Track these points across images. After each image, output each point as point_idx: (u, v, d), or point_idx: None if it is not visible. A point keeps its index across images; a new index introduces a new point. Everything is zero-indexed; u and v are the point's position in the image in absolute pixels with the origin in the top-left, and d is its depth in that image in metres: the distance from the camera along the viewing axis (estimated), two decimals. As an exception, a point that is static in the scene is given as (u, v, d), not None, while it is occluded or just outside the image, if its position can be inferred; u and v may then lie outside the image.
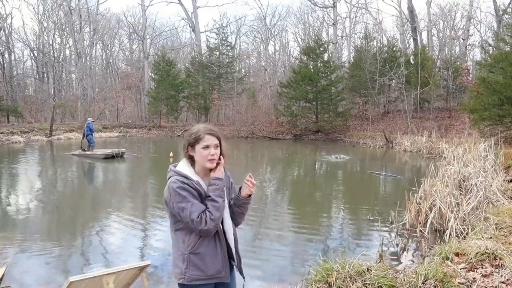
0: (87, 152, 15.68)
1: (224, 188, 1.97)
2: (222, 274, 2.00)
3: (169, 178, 1.98)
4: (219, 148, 2.01)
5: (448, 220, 5.32)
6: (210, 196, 1.93)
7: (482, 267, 3.49)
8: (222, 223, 2.02)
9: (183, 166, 2.01)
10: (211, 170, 2.03)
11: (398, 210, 6.30)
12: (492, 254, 3.65)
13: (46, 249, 5.18)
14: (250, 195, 2.06)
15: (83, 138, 16.49)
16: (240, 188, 2.09)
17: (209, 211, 1.89)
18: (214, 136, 1.99)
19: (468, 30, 32.64)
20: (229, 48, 35.32)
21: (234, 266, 2.14)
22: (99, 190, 10.07)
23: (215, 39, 34.88)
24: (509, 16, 24.10)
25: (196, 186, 1.93)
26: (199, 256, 1.93)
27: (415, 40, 29.48)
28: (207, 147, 1.96)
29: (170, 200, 1.90)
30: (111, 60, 45.98)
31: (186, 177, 1.94)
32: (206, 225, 1.86)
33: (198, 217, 1.85)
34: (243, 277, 2.14)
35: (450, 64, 24.87)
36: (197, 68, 33.05)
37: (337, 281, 3.27)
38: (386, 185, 10.19)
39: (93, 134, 16.31)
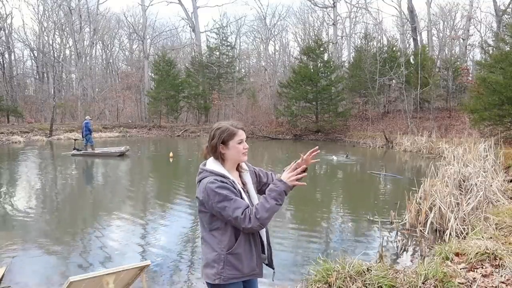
0: (96, 151, 15.80)
1: (283, 193, 1.88)
2: (256, 271, 2.00)
3: (202, 179, 1.95)
4: None
5: (448, 220, 5.32)
6: (265, 194, 1.89)
7: (482, 267, 3.49)
8: None
9: (216, 166, 1.98)
10: (238, 166, 2.07)
11: (398, 210, 6.31)
12: (492, 254, 3.65)
13: (46, 249, 5.18)
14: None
15: (82, 137, 16.51)
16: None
17: (256, 208, 1.84)
18: (244, 130, 2.05)
19: (468, 30, 32.64)
20: (229, 48, 35.32)
21: (263, 260, 2.13)
22: (100, 189, 10.06)
23: (215, 39, 34.94)
24: (509, 16, 24.12)
25: (234, 185, 1.92)
26: (236, 256, 1.92)
27: (415, 40, 29.48)
28: (241, 141, 2.00)
29: (208, 201, 1.87)
30: (111, 60, 45.99)
31: (223, 176, 1.92)
32: (250, 223, 1.81)
33: (242, 213, 1.82)
34: (273, 268, 2.16)
35: (450, 64, 24.87)
36: (197, 68, 33.05)
37: (337, 281, 3.27)
38: (386, 185, 10.19)
39: (91, 133, 16.32)
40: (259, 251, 2.03)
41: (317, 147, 2.08)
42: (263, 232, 2.07)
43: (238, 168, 2.10)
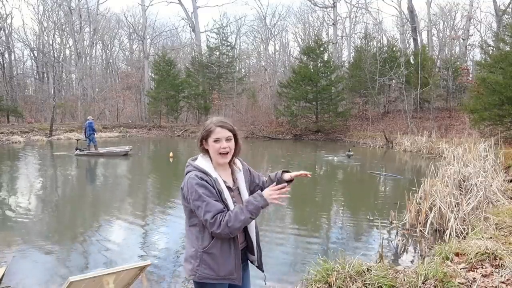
0: (101, 151, 15.87)
1: (260, 208, 1.80)
2: (234, 276, 1.92)
3: (187, 173, 1.92)
4: (232, 141, 1.95)
5: (448, 220, 5.32)
6: (242, 205, 1.83)
7: (482, 267, 3.49)
8: None
9: (202, 161, 1.94)
10: (231, 163, 2.03)
11: (398, 210, 6.31)
12: (492, 254, 3.65)
13: (46, 249, 5.18)
14: (291, 181, 2.13)
15: (85, 137, 16.51)
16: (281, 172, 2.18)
17: (229, 216, 1.78)
18: (226, 128, 1.93)
19: (468, 30, 32.63)
20: (229, 48, 35.30)
21: (253, 261, 2.08)
22: (101, 189, 10.06)
23: (215, 39, 34.90)
24: (509, 16, 24.12)
25: (214, 183, 1.86)
26: (211, 256, 1.87)
27: (415, 40, 29.46)
28: (217, 140, 1.90)
29: (188, 196, 1.85)
30: (111, 60, 45.97)
31: (205, 173, 1.88)
32: (219, 228, 1.76)
33: (212, 218, 1.77)
34: (263, 271, 2.08)
35: (450, 64, 24.87)
36: (197, 68, 33.04)
37: (337, 281, 3.27)
38: (386, 185, 10.19)
39: (95, 133, 16.40)
40: (239, 255, 1.94)
41: (310, 173, 2.14)
42: (252, 233, 2.01)
43: (231, 165, 2.04)
